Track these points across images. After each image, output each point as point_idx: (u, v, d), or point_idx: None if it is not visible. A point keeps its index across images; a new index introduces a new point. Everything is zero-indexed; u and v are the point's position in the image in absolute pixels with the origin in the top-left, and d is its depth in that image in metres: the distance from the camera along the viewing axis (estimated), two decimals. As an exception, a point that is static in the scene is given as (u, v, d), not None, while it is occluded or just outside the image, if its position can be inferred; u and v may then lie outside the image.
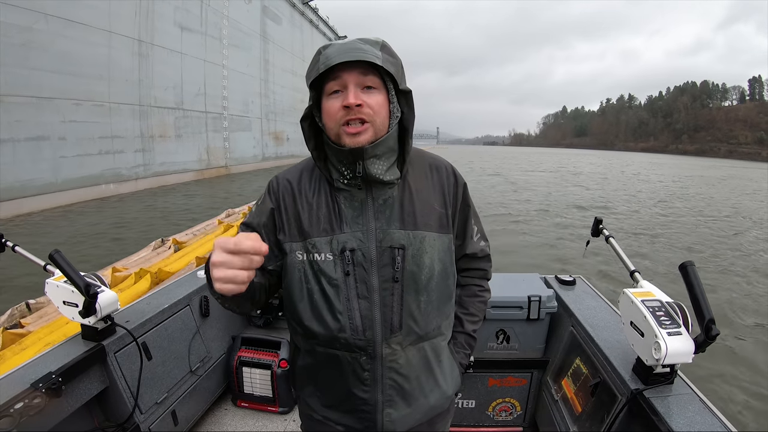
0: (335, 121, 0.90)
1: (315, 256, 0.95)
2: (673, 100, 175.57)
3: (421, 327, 0.99)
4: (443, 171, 1.06)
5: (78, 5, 12.87)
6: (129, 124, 15.62)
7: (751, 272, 8.29)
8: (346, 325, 0.95)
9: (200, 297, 2.25)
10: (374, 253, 0.95)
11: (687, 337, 1.21)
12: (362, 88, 0.89)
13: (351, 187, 0.97)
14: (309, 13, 33.91)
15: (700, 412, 1.21)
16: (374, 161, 0.93)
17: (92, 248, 8.54)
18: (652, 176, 34.76)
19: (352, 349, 0.96)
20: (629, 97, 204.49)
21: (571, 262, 8.58)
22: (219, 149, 22.20)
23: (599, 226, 1.76)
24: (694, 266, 1.25)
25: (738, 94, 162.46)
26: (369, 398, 0.99)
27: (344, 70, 0.87)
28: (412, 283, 0.96)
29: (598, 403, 1.54)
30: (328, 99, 0.90)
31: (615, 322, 1.78)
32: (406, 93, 0.95)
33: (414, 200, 0.99)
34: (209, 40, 20.49)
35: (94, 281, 1.54)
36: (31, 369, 1.40)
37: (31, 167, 11.87)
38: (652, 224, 13.01)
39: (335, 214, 0.97)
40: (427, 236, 0.98)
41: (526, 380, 2.16)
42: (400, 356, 0.98)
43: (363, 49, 0.86)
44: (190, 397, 2.08)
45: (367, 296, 0.95)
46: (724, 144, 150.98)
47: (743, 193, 23.52)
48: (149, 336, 1.83)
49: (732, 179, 35.57)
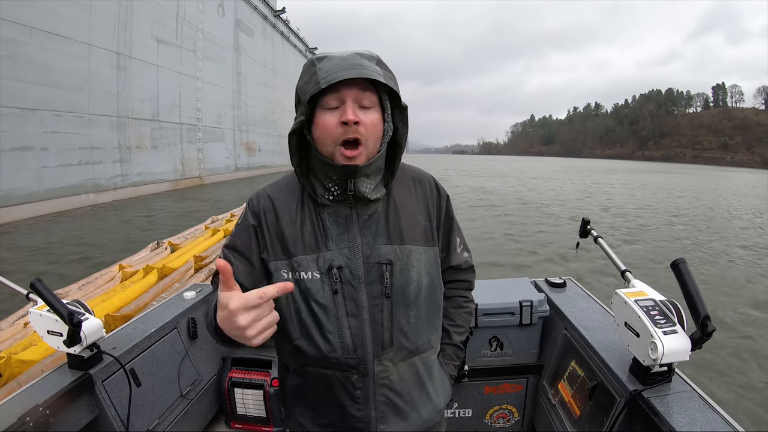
0: (332, 138, 0.90)
1: (301, 275, 0.95)
2: (639, 107, 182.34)
3: (412, 342, 0.99)
4: (426, 184, 1.08)
5: (60, 18, 13.60)
6: (107, 135, 16.24)
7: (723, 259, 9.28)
8: (337, 344, 0.95)
9: (187, 319, 2.24)
10: (362, 269, 0.95)
11: (683, 335, 1.22)
12: (359, 107, 0.90)
13: (336, 203, 0.97)
14: (280, 26, 35.08)
15: (701, 409, 1.22)
16: (363, 180, 0.94)
17: (92, 248, 9.26)
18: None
19: (344, 368, 0.96)
20: (596, 105, 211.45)
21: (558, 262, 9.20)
22: (193, 160, 22.83)
23: (587, 227, 1.76)
24: (686, 263, 1.26)
25: (702, 101, 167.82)
26: (362, 416, 0.99)
27: (344, 85, 0.87)
28: (402, 298, 0.97)
29: (597, 405, 1.55)
30: (323, 113, 0.90)
31: (608, 322, 1.80)
32: (401, 108, 0.97)
33: (399, 214, 1.00)
34: (184, 53, 21.31)
35: (78, 309, 1.52)
36: (17, 402, 1.37)
37: (15, 177, 12.38)
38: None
39: (320, 231, 0.97)
40: (414, 250, 0.99)
41: (522, 386, 2.18)
42: (392, 372, 0.99)
43: (363, 65, 0.87)
44: (183, 422, 2.07)
45: (357, 314, 0.95)
46: (689, 149, 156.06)
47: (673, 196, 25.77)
48: (137, 362, 1.81)
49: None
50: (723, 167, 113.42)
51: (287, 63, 36.37)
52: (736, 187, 34.47)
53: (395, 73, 0.96)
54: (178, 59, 20.83)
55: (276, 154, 34.85)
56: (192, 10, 21.71)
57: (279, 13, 34.10)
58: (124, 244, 8.81)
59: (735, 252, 10.30)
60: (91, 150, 15.42)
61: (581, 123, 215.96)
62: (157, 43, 19.00)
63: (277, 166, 34.28)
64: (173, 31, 20.32)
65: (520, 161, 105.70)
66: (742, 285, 7.68)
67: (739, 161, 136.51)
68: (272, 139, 34.17)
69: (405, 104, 0.96)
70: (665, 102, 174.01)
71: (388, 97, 0.95)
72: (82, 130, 14.95)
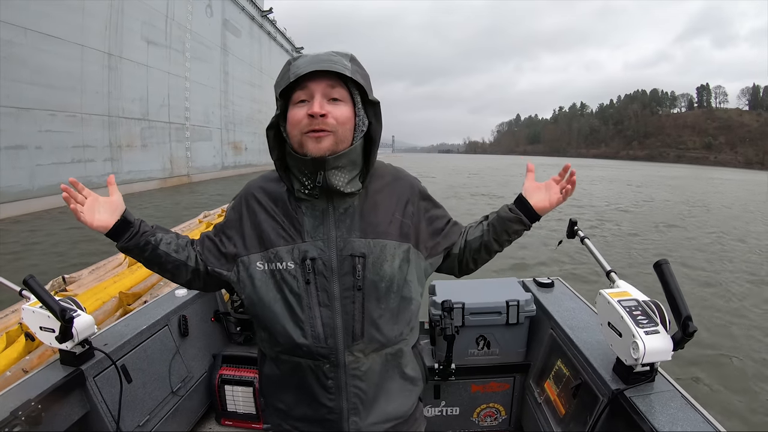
0: (298, 129, 0.93)
1: (277, 265, 0.99)
2: (624, 107, 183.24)
3: (383, 334, 1.01)
4: (404, 180, 1.11)
5: (54, 20, 14.11)
6: (99, 134, 16.78)
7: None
8: (308, 332, 0.98)
9: (179, 316, 2.27)
10: (335, 261, 0.98)
11: (665, 335, 1.24)
12: (328, 100, 0.93)
13: (311, 197, 1.00)
14: (267, 26, 35.68)
15: (682, 409, 1.24)
16: (335, 172, 0.96)
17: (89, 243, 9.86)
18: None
19: (315, 357, 0.99)
20: (581, 105, 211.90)
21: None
22: (181, 158, 23.35)
23: (574, 228, 1.78)
24: (669, 264, 1.28)
25: (686, 101, 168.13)
26: (334, 406, 1.01)
27: (312, 80, 0.91)
28: (374, 291, 0.99)
29: (581, 404, 1.57)
30: (293, 108, 0.94)
31: (594, 323, 1.79)
32: (374, 104, 1.00)
33: (375, 209, 1.03)
34: (173, 53, 21.84)
35: (70, 305, 1.54)
36: (9, 397, 1.39)
37: (10, 174, 12.89)
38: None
39: (297, 224, 1.01)
40: (388, 244, 1.01)
41: (509, 385, 2.21)
42: (362, 364, 1.01)
43: (332, 60, 0.91)
44: (173, 419, 2.10)
45: (329, 304, 0.98)
46: (673, 149, 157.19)
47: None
48: (128, 358, 1.83)
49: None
50: (707, 167, 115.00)
51: (273, 63, 36.86)
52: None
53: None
54: (167, 59, 21.37)
55: (262, 153, 35.12)
56: (181, 11, 22.28)
57: (266, 14, 34.73)
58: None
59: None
60: (83, 148, 15.95)
61: (566, 123, 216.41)
62: (147, 44, 19.54)
63: (263, 165, 34.46)
64: (162, 32, 20.86)
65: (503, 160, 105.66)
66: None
67: (722, 161, 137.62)
68: (258, 138, 34.53)
69: (376, 99, 1.00)
70: (650, 102, 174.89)
71: (358, 92, 0.98)
72: (75, 129, 15.48)
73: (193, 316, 2.37)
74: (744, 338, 5.55)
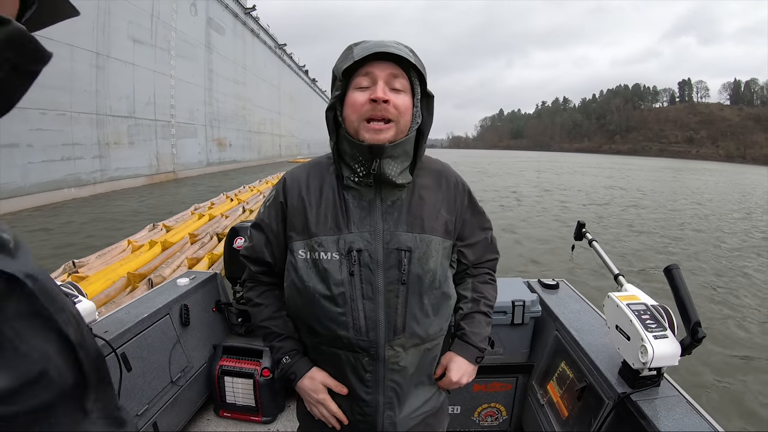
0: (358, 114, 0.93)
1: (321, 255, 0.98)
2: (606, 102, 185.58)
3: (424, 329, 1.01)
4: (451, 177, 1.12)
5: (45, 22, 14.46)
6: (87, 132, 17.13)
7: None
8: (350, 325, 0.98)
9: (180, 306, 2.24)
10: (381, 254, 0.98)
11: (673, 340, 1.25)
12: (390, 89, 0.93)
13: (361, 186, 1.00)
14: (250, 23, 35.86)
15: (688, 414, 1.24)
16: (390, 162, 0.96)
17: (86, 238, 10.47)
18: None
19: (355, 350, 0.99)
20: (564, 99, 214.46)
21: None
22: (167, 155, 23.71)
23: (582, 230, 1.75)
24: (679, 269, 1.28)
25: (668, 96, 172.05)
26: (371, 400, 1.02)
27: (376, 66, 0.92)
28: (417, 285, 0.99)
29: (585, 407, 1.57)
30: (354, 92, 0.94)
31: (599, 325, 1.80)
32: (428, 97, 1.01)
33: (422, 204, 1.03)
34: (158, 52, 22.18)
35: (71, 291, 1.54)
36: None
37: (4, 172, 13.25)
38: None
39: (343, 213, 1.00)
40: (434, 240, 1.01)
41: (512, 385, 2.19)
42: (402, 358, 1.01)
43: (396, 47, 0.92)
44: (172, 408, 2.09)
45: (372, 297, 0.97)
46: (655, 143, 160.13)
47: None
48: (128, 346, 1.83)
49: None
50: (688, 160, 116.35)
51: (257, 60, 37.19)
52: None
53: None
54: (153, 58, 21.71)
55: (246, 149, 35.45)
56: (166, 10, 22.61)
57: (249, 11, 34.94)
58: (125, 229, 9.86)
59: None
60: (73, 146, 16.31)
61: (549, 117, 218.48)
62: (133, 42, 19.88)
63: (248, 161, 34.86)
64: (148, 31, 21.19)
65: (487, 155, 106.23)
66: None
67: (704, 155, 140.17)
68: (242, 134, 34.83)
69: (431, 93, 1.00)
70: (632, 97, 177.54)
71: (419, 83, 0.99)
72: (65, 127, 15.83)
73: (195, 306, 2.39)
74: (744, 339, 5.60)
